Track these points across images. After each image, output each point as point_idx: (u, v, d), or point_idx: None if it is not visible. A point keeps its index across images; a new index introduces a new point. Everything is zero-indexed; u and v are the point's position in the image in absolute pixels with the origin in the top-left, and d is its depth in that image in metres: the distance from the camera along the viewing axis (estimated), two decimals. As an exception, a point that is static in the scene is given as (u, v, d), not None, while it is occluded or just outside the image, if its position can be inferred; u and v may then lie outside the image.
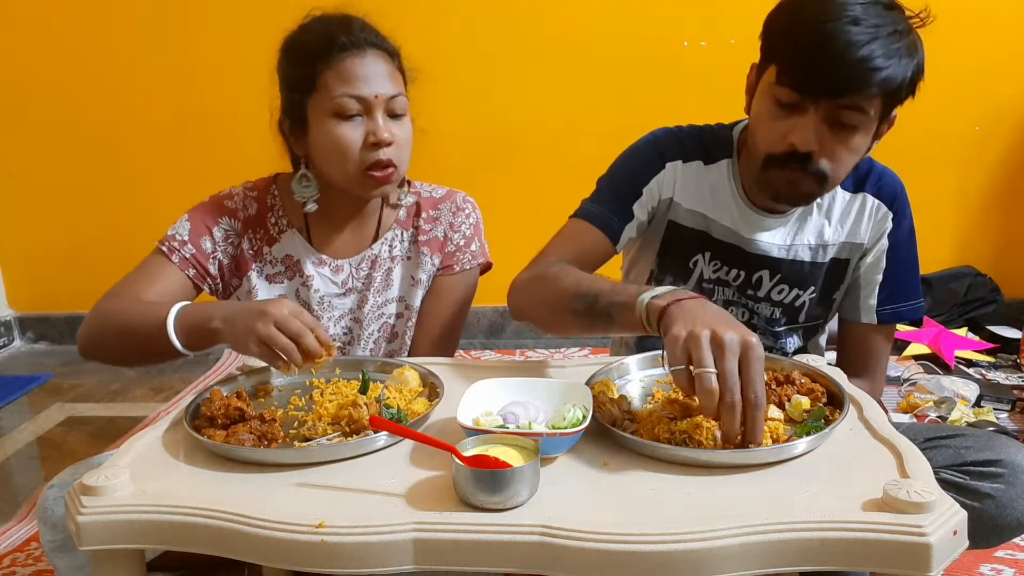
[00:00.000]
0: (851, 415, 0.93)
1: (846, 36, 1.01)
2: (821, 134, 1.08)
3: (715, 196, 1.25)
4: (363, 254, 1.34)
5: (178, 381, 2.69)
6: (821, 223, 1.26)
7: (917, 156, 2.74)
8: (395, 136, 1.21)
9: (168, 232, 1.29)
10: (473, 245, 1.37)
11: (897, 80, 1.04)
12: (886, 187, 1.26)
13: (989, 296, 2.88)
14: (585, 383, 0.97)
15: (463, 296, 1.38)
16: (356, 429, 0.90)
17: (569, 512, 0.73)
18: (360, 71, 1.19)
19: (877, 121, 1.11)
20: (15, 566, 1.58)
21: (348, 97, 1.18)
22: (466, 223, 1.37)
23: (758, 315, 1.29)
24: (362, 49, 1.20)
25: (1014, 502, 1.02)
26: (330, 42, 1.20)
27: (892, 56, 1.03)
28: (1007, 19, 2.72)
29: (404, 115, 1.24)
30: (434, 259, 1.36)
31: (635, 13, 2.76)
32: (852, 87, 1.04)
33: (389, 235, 1.35)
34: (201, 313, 1.06)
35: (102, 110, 2.92)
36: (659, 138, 1.29)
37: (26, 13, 2.85)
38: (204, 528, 0.75)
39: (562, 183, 1.90)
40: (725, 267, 1.27)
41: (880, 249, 1.26)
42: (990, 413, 2.06)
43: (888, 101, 1.08)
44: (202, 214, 1.30)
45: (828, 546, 0.69)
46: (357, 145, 1.19)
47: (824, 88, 1.05)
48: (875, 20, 1.03)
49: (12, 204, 3.05)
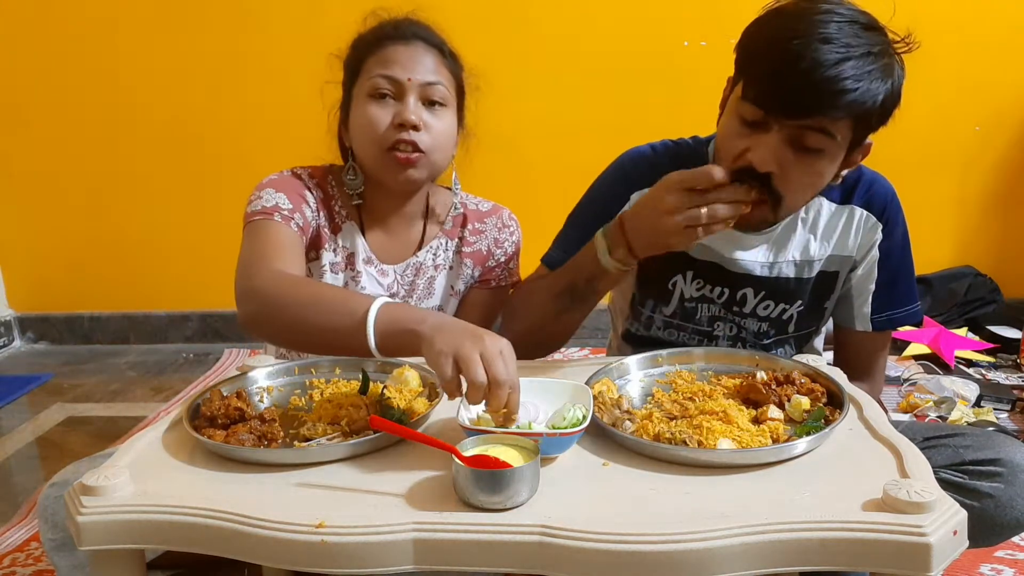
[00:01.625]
0: (851, 415, 0.93)
1: (814, 55, 0.97)
2: (783, 155, 1.03)
3: None
4: (408, 261, 1.35)
5: (178, 381, 2.69)
6: (806, 238, 1.23)
7: (917, 156, 2.74)
8: (426, 122, 1.22)
9: (264, 204, 1.21)
10: (512, 263, 1.40)
11: (866, 103, 0.99)
12: (876, 197, 1.22)
13: (989, 296, 2.88)
14: (585, 383, 0.97)
15: (490, 311, 1.40)
16: (356, 429, 0.90)
17: (569, 512, 0.73)
18: (399, 56, 1.22)
19: (846, 147, 1.06)
20: (15, 566, 1.58)
21: (382, 77, 1.21)
22: (509, 240, 1.40)
23: (746, 330, 1.28)
24: (407, 39, 1.24)
25: (1013, 501, 1.02)
26: (381, 32, 1.25)
27: (862, 79, 0.98)
28: (1007, 20, 2.72)
29: (443, 106, 1.25)
30: (475, 271, 1.38)
31: (635, 13, 2.76)
32: (816, 107, 0.99)
33: (434, 243, 1.36)
34: (409, 313, 0.98)
35: (102, 110, 2.92)
36: (625, 166, 1.27)
37: (26, 13, 2.85)
38: (204, 528, 0.75)
39: (562, 183, 1.89)
40: (708, 285, 1.25)
41: (871, 260, 1.24)
42: (990, 413, 2.06)
43: (858, 125, 1.03)
44: (289, 186, 1.26)
45: (828, 546, 0.69)
46: (384, 124, 1.21)
47: (787, 107, 1.01)
48: (848, 40, 0.98)
49: (12, 204, 3.05)
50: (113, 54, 2.87)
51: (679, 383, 1.04)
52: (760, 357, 1.08)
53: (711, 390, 1.01)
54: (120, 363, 2.93)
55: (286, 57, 2.78)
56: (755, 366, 1.06)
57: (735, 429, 0.88)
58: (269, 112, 2.87)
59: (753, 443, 0.85)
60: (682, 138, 1.29)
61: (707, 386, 1.03)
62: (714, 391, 1.00)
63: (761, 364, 1.06)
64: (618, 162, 1.29)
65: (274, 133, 2.85)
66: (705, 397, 0.98)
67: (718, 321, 1.28)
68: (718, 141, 1.14)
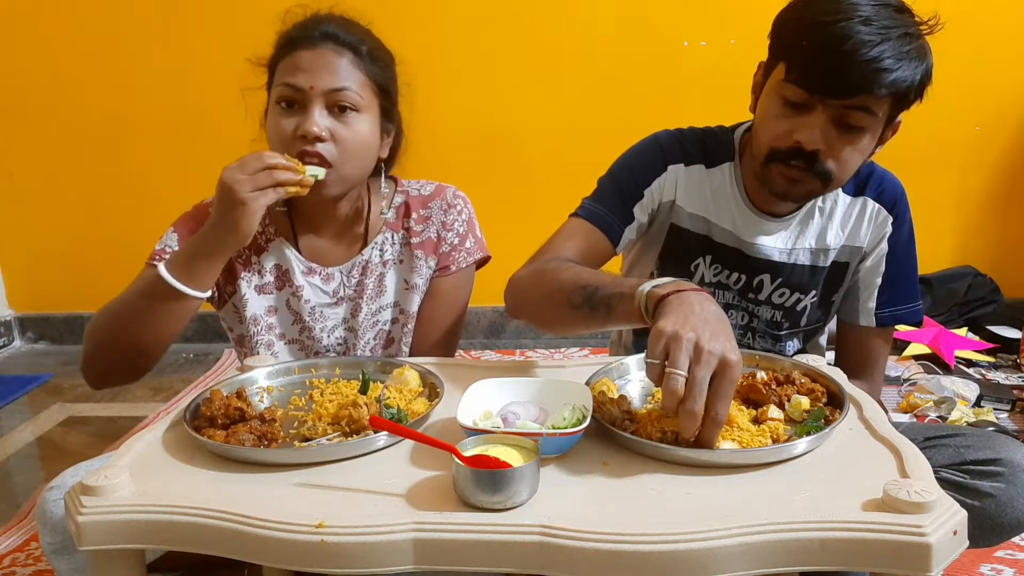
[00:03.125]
0: (851, 415, 0.93)
1: (856, 36, 1.00)
2: (828, 134, 1.08)
3: (716, 200, 1.25)
4: (353, 261, 1.30)
5: (178, 381, 2.69)
6: (823, 227, 1.25)
7: (917, 156, 2.74)
8: (334, 133, 1.17)
9: (156, 247, 1.25)
10: (468, 242, 1.33)
11: (907, 83, 1.04)
12: (887, 191, 1.25)
13: (989, 296, 2.88)
14: (585, 383, 0.97)
15: (462, 296, 1.36)
16: (356, 429, 0.90)
17: (569, 512, 0.73)
18: (304, 62, 1.17)
19: (883, 124, 1.10)
20: (15, 566, 1.58)
21: (286, 86, 1.17)
22: (458, 220, 1.32)
23: (758, 318, 1.29)
24: (312, 42, 1.18)
25: (1014, 501, 1.02)
26: (288, 36, 1.20)
27: (902, 59, 1.02)
28: (1007, 20, 2.72)
29: (355, 111, 1.18)
30: (429, 262, 1.31)
31: (635, 13, 2.76)
32: (861, 87, 1.03)
33: (379, 239, 1.31)
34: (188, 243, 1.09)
35: (101, 110, 2.92)
36: (661, 140, 1.28)
37: (26, 13, 2.85)
38: (204, 528, 0.75)
39: (562, 183, 1.89)
40: (726, 271, 1.27)
41: (880, 253, 1.26)
42: (990, 413, 2.06)
43: (896, 104, 1.08)
44: (188, 223, 1.27)
45: (828, 546, 0.69)
46: (287, 135, 1.16)
47: (833, 88, 1.04)
48: (886, 22, 1.02)
49: (12, 204, 3.05)
50: (113, 54, 2.87)
51: (679, 383, 1.04)
52: (760, 357, 1.08)
53: (711, 390, 1.01)
54: (120, 363, 2.93)
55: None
56: (755, 366, 1.06)
57: (735, 429, 0.88)
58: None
59: (753, 443, 0.85)
60: (708, 126, 1.30)
61: (707, 386, 1.02)
62: (714, 391, 1.00)
63: (761, 364, 1.07)
64: (652, 138, 1.29)
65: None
66: (705, 397, 0.98)
67: (731, 309, 1.29)
68: (758, 123, 1.16)
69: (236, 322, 1.32)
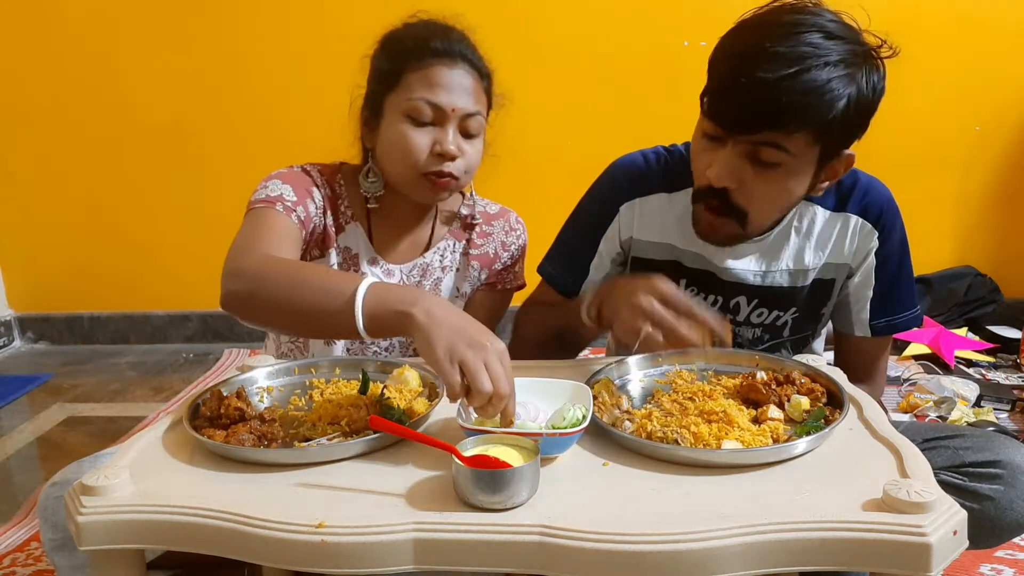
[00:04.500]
0: (851, 415, 0.93)
1: (757, 71, 0.96)
2: (741, 171, 1.04)
3: (682, 224, 1.22)
4: (415, 261, 1.34)
5: (178, 381, 2.69)
6: (800, 246, 1.20)
7: (918, 156, 2.74)
8: (463, 152, 1.21)
9: (268, 194, 1.19)
10: (518, 266, 1.41)
11: (820, 115, 0.97)
12: (871, 204, 1.19)
13: (989, 296, 2.88)
14: (585, 383, 0.97)
15: (498, 314, 1.42)
16: (356, 429, 0.90)
17: (569, 512, 0.73)
18: (444, 80, 1.18)
19: (812, 160, 1.04)
20: (15, 566, 1.58)
21: (425, 102, 1.18)
22: (516, 244, 1.40)
23: (741, 337, 1.27)
24: (453, 59, 1.20)
25: (1013, 503, 1.02)
26: (424, 44, 1.20)
27: (812, 92, 0.95)
28: (1007, 20, 2.72)
29: (477, 136, 1.24)
30: (481, 274, 1.38)
31: (635, 13, 2.76)
32: (762, 123, 0.99)
33: (442, 245, 1.36)
34: (399, 294, 0.93)
35: (102, 110, 2.92)
36: (617, 176, 1.27)
37: (26, 13, 2.85)
38: (204, 528, 0.75)
39: (562, 183, 1.89)
40: (701, 293, 1.25)
41: (868, 267, 1.21)
42: (990, 413, 2.06)
43: (821, 139, 1.01)
44: (296, 180, 1.23)
45: (828, 546, 0.69)
46: (423, 150, 1.19)
47: (735, 123, 1.01)
48: (803, 50, 0.95)
49: (12, 204, 3.05)
50: (113, 54, 2.87)
51: (679, 383, 1.05)
52: (760, 357, 1.08)
53: (711, 390, 1.01)
54: (120, 363, 2.93)
55: (286, 57, 2.78)
56: (755, 366, 1.06)
57: (735, 429, 0.88)
58: (269, 112, 2.87)
59: (753, 443, 0.85)
60: (675, 145, 1.28)
61: (707, 386, 1.03)
62: (714, 391, 1.00)
63: (761, 364, 1.06)
64: (608, 172, 1.29)
65: (273, 133, 2.85)
66: (705, 397, 0.98)
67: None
68: (691, 155, 1.15)
69: None
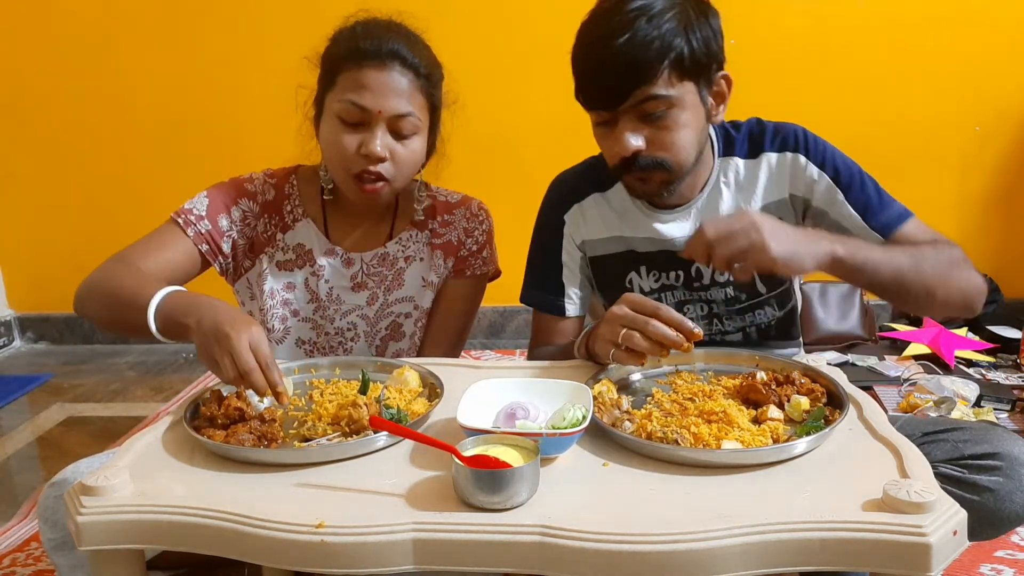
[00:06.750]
0: (851, 415, 0.93)
1: (605, 47, 1.07)
2: (640, 132, 1.11)
3: (623, 216, 1.27)
4: (376, 251, 1.35)
5: (178, 381, 2.69)
6: (735, 198, 1.24)
7: (917, 156, 2.74)
8: (393, 153, 1.21)
9: (184, 205, 1.27)
10: (484, 252, 1.40)
11: (670, 54, 1.06)
12: (784, 137, 1.22)
13: (989, 296, 2.87)
14: (585, 383, 0.97)
15: (471, 301, 1.43)
16: (356, 429, 0.90)
17: (569, 512, 0.73)
18: (372, 82, 1.18)
19: (695, 92, 1.11)
20: (15, 566, 1.58)
21: (352, 104, 1.18)
22: (479, 229, 1.39)
23: (715, 302, 1.27)
24: (383, 61, 1.19)
25: (1012, 495, 1.02)
26: (357, 45, 1.20)
27: (652, 40, 1.05)
28: (1008, 19, 2.72)
29: (411, 135, 1.23)
30: (447, 262, 1.38)
31: (635, 13, 2.76)
32: (629, 86, 1.07)
33: (404, 235, 1.37)
34: (184, 304, 1.02)
35: (102, 110, 2.92)
36: (552, 195, 1.34)
37: (26, 13, 2.85)
38: (204, 528, 0.75)
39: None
40: (664, 273, 1.27)
41: (822, 187, 1.20)
42: (990, 413, 2.06)
43: (685, 73, 1.09)
44: (221, 192, 1.30)
45: (828, 546, 0.69)
46: (350, 152, 1.20)
47: (609, 99, 1.10)
48: (631, 14, 1.06)
49: (12, 204, 3.05)
50: (113, 54, 2.87)
51: (679, 383, 1.05)
52: (760, 357, 1.08)
53: (711, 390, 1.01)
54: (120, 363, 2.93)
55: (286, 58, 2.77)
56: (755, 366, 1.06)
57: (735, 429, 0.88)
58: (268, 112, 2.86)
59: (753, 443, 0.85)
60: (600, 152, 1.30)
61: (707, 386, 1.03)
62: (714, 391, 1.01)
63: (761, 364, 1.07)
64: (546, 195, 1.36)
65: (274, 133, 2.84)
66: (705, 397, 0.98)
67: (687, 304, 1.28)
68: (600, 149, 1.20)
69: (248, 297, 1.37)
